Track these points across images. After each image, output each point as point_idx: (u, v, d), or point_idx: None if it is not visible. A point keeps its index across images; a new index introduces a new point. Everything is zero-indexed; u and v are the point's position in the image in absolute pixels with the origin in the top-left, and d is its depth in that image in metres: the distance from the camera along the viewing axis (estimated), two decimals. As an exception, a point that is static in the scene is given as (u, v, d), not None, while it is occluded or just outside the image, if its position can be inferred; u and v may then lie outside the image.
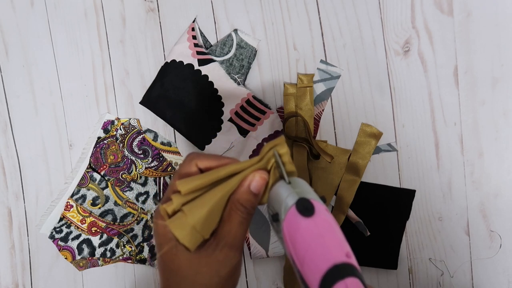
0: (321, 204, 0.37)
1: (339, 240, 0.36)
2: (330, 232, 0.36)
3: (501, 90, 0.63)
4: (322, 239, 0.35)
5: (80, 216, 0.65)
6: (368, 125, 0.63)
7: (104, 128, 0.64)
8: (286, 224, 0.37)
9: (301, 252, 0.36)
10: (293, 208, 0.37)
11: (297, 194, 0.37)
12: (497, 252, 0.64)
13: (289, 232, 0.37)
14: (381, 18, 0.63)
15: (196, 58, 0.63)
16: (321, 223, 0.36)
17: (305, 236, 0.36)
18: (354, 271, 0.35)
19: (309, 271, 0.35)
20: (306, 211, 0.36)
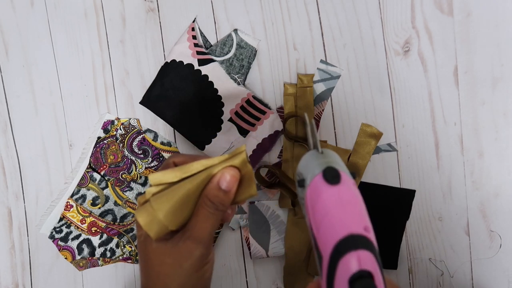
0: (348, 177, 0.38)
1: (360, 212, 0.36)
2: (352, 203, 0.36)
3: (501, 90, 0.63)
4: (342, 207, 0.36)
5: (80, 216, 0.65)
6: (368, 125, 0.63)
7: (104, 128, 0.64)
8: (310, 190, 0.37)
9: (319, 217, 0.36)
10: (319, 175, 0.37)
11: (326, 162, 0.38)
12: (497, 252, 0.64)
13: (311, 197, 0.37)
14: (381, 18, 0.63)
15: (196, 58, 0.63)
16: (345, 192, 0.36)
17: (326, 202, 0.36)
18: (369, 245, 0.34)
19: (324, 237, 0.35)
20: (332, 179, 0.36)
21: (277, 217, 0.64)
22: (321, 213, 0.36)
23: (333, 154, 0.40)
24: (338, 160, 0.39)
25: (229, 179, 0.40)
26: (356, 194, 0.37)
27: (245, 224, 0.64)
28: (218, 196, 0.40)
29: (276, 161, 0.64)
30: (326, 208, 0.36)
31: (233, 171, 0.40)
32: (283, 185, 0.62)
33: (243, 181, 0.41)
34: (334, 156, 0.40)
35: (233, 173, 0.40)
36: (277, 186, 0.63)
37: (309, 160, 0.40)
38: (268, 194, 0.64)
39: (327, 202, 0.36)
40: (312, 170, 0.38)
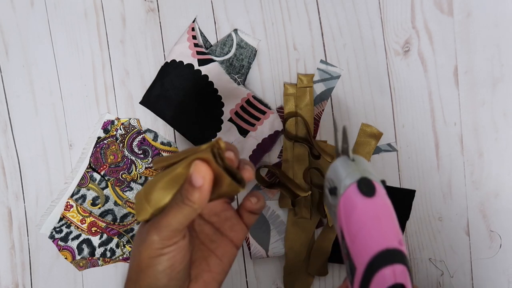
0: (381, 187, 0.37)
1: (394, 225, 0.36)
2: (387, 216, 0.36)
3: (501, 90, 0.63)
4: (378, 221, 0.36)
5: (80, 216, 0.65)
6: (368, 125, 0.63)
7: (104, 128, 0.64)
8: (344, 200, 0.37)
9: (354, 230, 0.36)
10: (354, 185, 0.37)
11: (359, 172, 0.37)
12: (497, 252, 0.64)
13: (346, 208, 0.37)
14: (381, 18, 0.63)
15: (196, 58, 0.63)
16: (380, 205, 0.36)
17: (362, 215, 0.36)
18: (404, 259, 0.35)
19: (359, 249, 0.36)
20: (367, 191, 0.36)
21: (277, 217, 0.64)
22: (356, 226, 0.36)
23: (364, 162, 0.40)
24: (370, 169, 0.39)
25: (196, 175, 0.36)
26: (390, 206, 0.37)
27: (245, 224, 0.64)
28: (188, 190, 0.37)
29: (276, 161, 0.64)
30: (362, 221, 0.36)
31: (202, 166, 0.37)
32: (283, 185, 0.62)
33: (217, 177, 0.38)
34: (366, 164, 0.39)
35: (201, 168, 0.37)
36: (277, 186, 0.63)
37: (340, 168, 0.39)
38: (268, 194, 0.64)
39: (363, 215, 0.36)
40: (345, 179, 0.38)
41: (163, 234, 0.38)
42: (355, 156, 0.40)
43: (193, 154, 0.38)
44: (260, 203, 0.45)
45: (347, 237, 0.37)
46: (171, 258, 0.39)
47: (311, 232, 0.64)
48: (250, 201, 0.44)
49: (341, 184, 0.38)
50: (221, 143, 0.37)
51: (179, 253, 0.39)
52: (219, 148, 0.37)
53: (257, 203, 0.45)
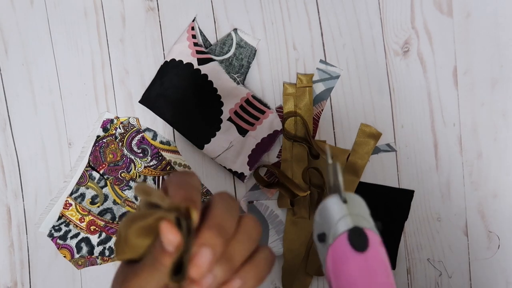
0: (375, 235, 0.33)
1: (387, 281, 0.33)
2: (380, 271, 0.33)
3: (500, 91, 0.63)
4: (370, 278, 0.32)
5: (79, 215, 0.65)
6: (367, 125, 0.63)
7: (103, 127, 0.64)
8: (333, 251, 0.34)
9: (343, 285, 0.33)
10: (344, 236, 0.33)
11: (351, 219, 0.33)
12: (495, 253, 0.64)
13: (335, 261, 0.33)
14: (380, 18, 0.63)
15: (196, 57, 0.63)
16: (373, 261, 0.33)
17: (352, 272, 0.32)
18: None
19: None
20: (359, 246, 0.32)
21: (275, 216, 0.64)
22: (346, 282, 0.33)
23: (358, 203, 0.35)
24: (364, 211, 0.35)
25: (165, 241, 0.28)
26: (383, 259, 0.33)
27: (243, 223, 0.64)
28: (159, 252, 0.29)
29: (275, 161, 0.64)
30: (352, 278, 0.32)
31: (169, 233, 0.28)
32: (282, 185, 0.62)
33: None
34: (359, 205, 0.35)
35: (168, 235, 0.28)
36: (276, 185, 0.63)
37: (330, 211, 0.35)
38: (267, 194, 0.64)
39: (353, 273, 0.32)
40: (334, 226, 0.34)
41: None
42: (348, 195, 0.35)
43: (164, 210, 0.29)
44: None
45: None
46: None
47: (310, 232, 0.64)
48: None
49: (330, 231, 0.34)
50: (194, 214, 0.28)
51: None
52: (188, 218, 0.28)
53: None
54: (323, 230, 0.35)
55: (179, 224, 0.28)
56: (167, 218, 0.28)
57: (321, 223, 0.36)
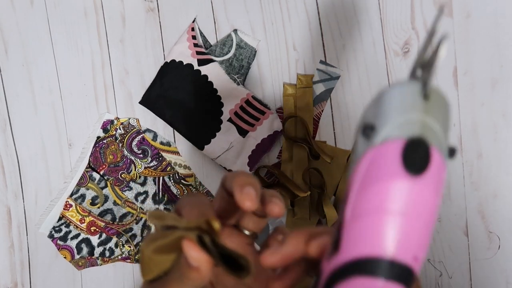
0: (442, 165, 0.24)
1: (421, 233, 0.24)
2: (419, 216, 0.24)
3: (500, 91, 0.63)
4: (402, 218, 0.24)
5: (79, 216, 0.65)
6: (367, 126, 0.63)
7: (103, 127, 0.64)
8: (374, 157, 0.24)
9: (361, 208, 0.25)
10: (399, 143, 0.23)
11: (421, 126, 0.23)
12: (495, 253, 0.64)
13: (370, 172, 0.24)
14: (380, 18, 0.63)
15: (196, 58, 0.63)
16: (419, 197, 0.24)
17: (384, 197, 0.24)
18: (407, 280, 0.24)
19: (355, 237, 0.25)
20: (413, 166, 0.23)
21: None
22: (370, 204, 0.24)
23: (442, 108, 0.25)
24: (443, 123, 0.25)
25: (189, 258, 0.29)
26: (432, 204, 0.24)
27: (244, 224, 0.64)
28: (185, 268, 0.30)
29: (275, 162, 0.64)
30: (379, 203, 0.24)
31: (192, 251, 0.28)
32: (282, 186, 0.62)
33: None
34: (442, 112, 0.25)
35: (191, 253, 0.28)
36: (276, 186, 0.63)
37: (398, 100, 0.24)
38: (267, 194, 0.64)
39: (386, 197, 0.24)
40: (392, 123, 0.24)
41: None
42: (435, 91, 0.24)
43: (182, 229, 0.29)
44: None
45: (351, 208, 0.25)
46: None
47: (310, 232, 0.63)
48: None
49: (383, 128, 0.24)
50: (215, 224, 0.28)
51: None
52: (211, 231, 0.28)
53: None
54: (374, 121, 0.25)
55: (201, 241, 0.28)
56: (188, 236, 0.28)
57: (375, 110, 0.25)
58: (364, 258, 0.24)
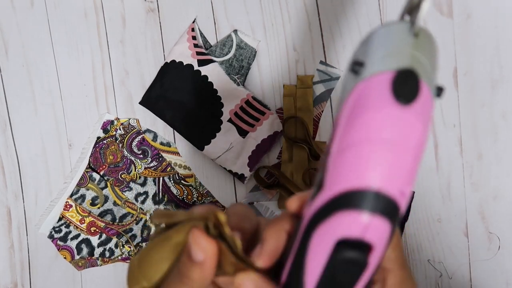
0: (430, 98, 0.24)
1: (408, 168, 0.24)
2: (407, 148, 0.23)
3: (501, 92, 0.63)
4: (389, 147, 0.23)
5: (79, 216, 0.65)
6: (367, 126, 0.63)
7: (103, 128, 0.64)
8: (363, 89, 0.24)
9: (348, 140, 0.24)
10: (388, 74, 0.23)
11: (410, 59, 0.24)
12: (495, 254, 0.64)
13: (358, 103, 0.24)
14: (380, 19, 0.63)
15: (196, 58, 0.63)
16: (407, 126, 0.23)
17: (371, 126, 0.23)
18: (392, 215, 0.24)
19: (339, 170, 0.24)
20: (402, 94, 0.23)
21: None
22: (356, 135, 0.23)
23: (429, 45, 0.25)
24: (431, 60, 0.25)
25: (195, 248, 0.27)
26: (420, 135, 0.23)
27: (244, 224, 0.64)
28: (186, 265, 0.28)
29: (276, 162, 0.64)
30: (367, 133, 0.23)
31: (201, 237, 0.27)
32: (282, 186, 0.62)
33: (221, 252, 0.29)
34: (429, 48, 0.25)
35: (200, 239, 0.27)
36: (276, 187, 0.63)
37: (387, 36, 0.25)
38: (267, 195, 0.64)
39: (373, 127, 0.23)
40: (382, 58, 0.24)
41: None
42: (422, 31, 0.25)
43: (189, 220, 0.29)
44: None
45: (336, 142, 0.24)
46: None
47: (310, 233, 0.63)
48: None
49: (372, 62, 0.24)
50: (221, 217, 0.27)
51: None
52: (217, 223, 0.28)
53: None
54: (363, 58, 0.25)
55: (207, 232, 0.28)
56: (196, 224, 0.28)
57: (365, 49, 0.25)
58: (348, 191, 0.23)
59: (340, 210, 0.24)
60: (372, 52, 0.25)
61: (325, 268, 0.25)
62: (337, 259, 0.24)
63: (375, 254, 0.24)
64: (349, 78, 0.26)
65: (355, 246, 0.24)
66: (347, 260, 0.24)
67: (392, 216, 0.24)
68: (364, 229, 0.23)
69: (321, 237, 0.24)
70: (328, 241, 0.24)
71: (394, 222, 0.24)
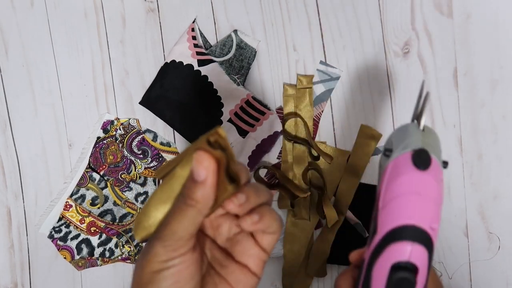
0: (438, 166, 0.35)
1: (433, 209, 0.34)
2: (429, 196, 0.34)
3: (501, 92, 0.63)
4: (418, 197, 0.34)
5: (79, 216, 0.65)
6: (367, 127, 0.63)
7: (103, 128, 0.64)
8: (393, 164, 0.36)
9: (389, 196, 0.35)
10: (409, 154, 0.35)
11: (422, 143, 0.35)
12: (495, 254, 0.64)
13: (391, 173, 0.36)
14: (380, 19, 0.63)
15: (196, 58, 0.63)
16: (427, 183, 0.34)
17: (404, 185, 0.34)
18: (428, 243, 0.34)
19: (387, 216, 0.35)
20: (420, 164, 0.34)
21: (276, 218, 0.64)
22: (394, 192, 0.35)
23: (433, 136, 0.38)
24: (436, 145, 0.37)
25: (197, 167, 0.32)
26: (437, 188, 0.35)
27: (244, 224, 0.64)
28: (189, 188, 0.32)
29: (276, 162, 0.64)
30: (401, 190, 0.34)
31: (203, 156, 0.32)
32: (282, 186, 0.62)
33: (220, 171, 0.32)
34: (434, 139, 0.37)
35: (203, 158, 0.32)
36: (276, 187, 0.63)
37: (405, 132, 0.37)
38: (267, 195, 0.64)
39: (404, 185, 0.34)
40: (403, 144, 0.36)
41: (167, 244, 0.33)
42: (427, 127, 0.38)
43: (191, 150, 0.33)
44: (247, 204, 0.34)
45: (381, 201, 0.36)
46: (176, 273, 0.33)
47: (310, 233, 0.64)
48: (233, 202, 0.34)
49: (398, 148, 0.36)
50: (221, 132, 0.32)
51: (186, 268, 0.34)
52: (219, 137, 0.32)
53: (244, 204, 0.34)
54: (391, 146, 0.38)
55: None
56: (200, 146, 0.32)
57: (392, 141, 0.38)
58: (395, 228, 0.34)
59: (391, 243, 0.34)
60: (396, 142, 0.37)
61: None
62: (394, 279, 0.34)
63: (420, 274, 0.34)
64: (383, 159, 0.38)
65: (405, 268, 0.34)
66: (401, 279, 0.34)
67: (427, 244, 0.34)
68: (409, 254, 0.33)
69: (380, 265, 0.35)
70: (386, 267, 0.34)
71: (430, 250, 0.34)
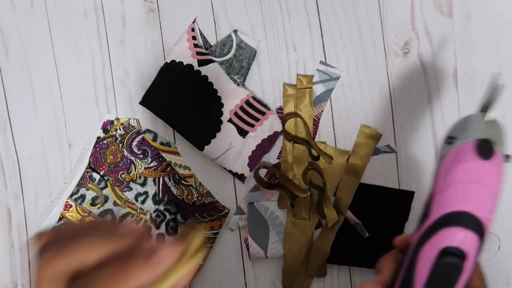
0: (501, 159, 0.36)
1: (491, 200, 0.35)
2: (489, 188, 0.34)
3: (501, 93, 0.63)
4: (478, 186, 0.34)
5: (79, 216, 0.65)
6: (367, 127, 0.63)
7: (103, 128, 0.64)
8: (457, 151, 0.36)
9: (449, 180, 0.35)
10: (473, 142, 0.35)
11: (487, 133, 0.36)
12: (495, 254, 0.64)
13: (454, 158, 0.36)
14: (381, 19, 0.63)
15: (196, 58, 0.63)
16: (488, 173, 0.34)
17: (465, 171, 0.35)
18: (481, 232, 0.34)
19: (443, 200, 0.35)
20: (484, 154, 0.34)
21: (276, 218, 0.64)
22: (454, 178, 0.35)
23: (499, 129, 0.37)
24: (500, 138, 0.37)
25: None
26: (497, 181, 0.35)
27: (244, 224, 0.64)
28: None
29: (276, 162, 0.64)
30: (461, 176, 0.34)
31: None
32: (282, 186, 0.62)
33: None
34: (499, 130, 0.37)
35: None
36: (276, 187, 0.63)
37: (471, 122, 0.37)
38: (267, 195, 0.64)
39: (465, 172, 0.34)
40: (468, 133, 0.36)
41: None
42: (494, 120, 0.38)
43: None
44: None
45: (439, 184, 0.36)
46: None
47: (310, 233, 0.64)
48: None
49: (462, 136, 0.36)
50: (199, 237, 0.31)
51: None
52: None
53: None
54: (455, 134, 0.37)
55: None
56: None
57: (456, 128, 0.38)
58: (450, 213, 0.34)
59: (444, 227, 0.34)
60: (462, 130, 0.37)
61: (431, 272, 0.34)
62: (441, 264, 0.34)
63: (468, 262, 0.34)
64: (444, 147, 0.38)
65: (453, 254, 0.33)
66: (449, 264, 0.33)
67: (480, 233, 0.34)
68: (461, 240, 0.33)
69: (429, 248, 0.34)
70: (434, 250, 0.34)
71: (482, 239, 0.34)
